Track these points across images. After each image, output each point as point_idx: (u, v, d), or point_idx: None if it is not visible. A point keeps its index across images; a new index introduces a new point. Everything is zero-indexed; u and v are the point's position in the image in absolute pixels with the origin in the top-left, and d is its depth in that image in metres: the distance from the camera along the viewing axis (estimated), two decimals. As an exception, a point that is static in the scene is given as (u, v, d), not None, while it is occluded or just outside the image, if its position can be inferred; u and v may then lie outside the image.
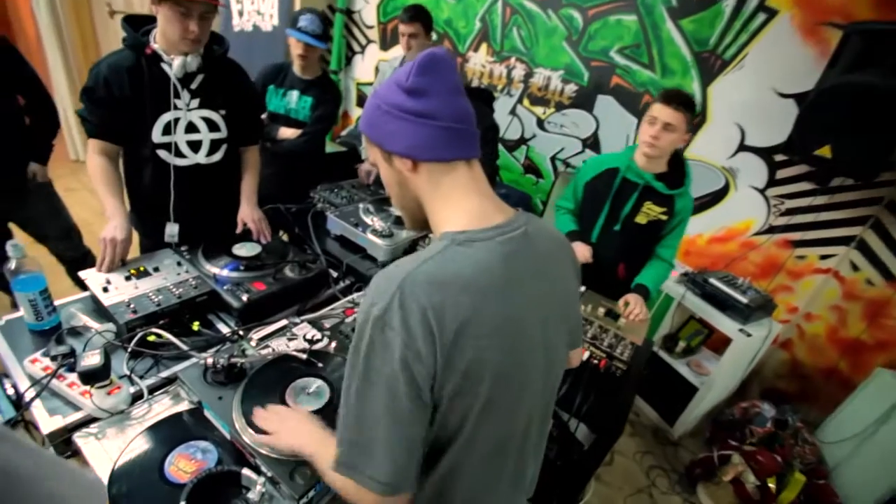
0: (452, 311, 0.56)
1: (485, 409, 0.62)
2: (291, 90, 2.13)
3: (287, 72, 2.15)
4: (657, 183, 1.66)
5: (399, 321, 0.55)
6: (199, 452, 0.88)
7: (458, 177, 0.66)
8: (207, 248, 1.40)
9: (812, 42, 2.10)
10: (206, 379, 0.97)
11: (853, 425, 1.97)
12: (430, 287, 0.57)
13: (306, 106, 2.13)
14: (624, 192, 1.72)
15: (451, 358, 0.57)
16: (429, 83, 0.62)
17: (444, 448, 0.64)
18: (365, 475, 0.57)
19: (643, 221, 1.71)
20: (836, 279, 2.36)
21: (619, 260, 1.80)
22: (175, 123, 1.41)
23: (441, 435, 0.63)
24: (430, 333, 0.55)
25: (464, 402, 0.60)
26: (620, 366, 1.28)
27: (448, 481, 0.67)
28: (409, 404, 0.57)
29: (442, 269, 0.59)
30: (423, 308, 0.55)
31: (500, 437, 0.68)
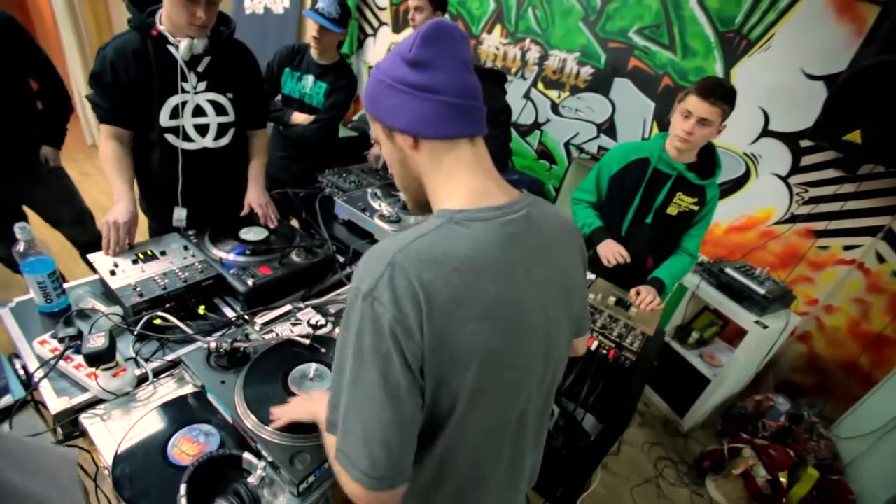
0: (443, 290, 0.54)
1: (476, 393, 0.60)
2: (307, 74, 2.09)
3: (304, 55, 2.11)
4: (689, 174, 1.60)
5: (389, 297, 0.53)
6: (201, 435, 0.88)
7: (460, 155, 0.63)
8: (214, 233, 1.40)
9: (846, 20, 1.98)
10: (209, 363, 0.98)
11: (872, 421, 1.91)
12: (421, 264, 0.55)
13: (320, 92, 2.09)
14: (656, 183, 1.66)
15: (440, 339, 0.55)
16: (433, 55, 0.59)
17: (437, 433, 0.62)
18: (360, 471, 0.55)
19: (674, 213, 1.67)
20: (860, 271, 2.27)
21: (648, 252, 1.75)
22: (182, 107, 1.40)
23: (433, 419, 0.61)
24: (419, 311, 0.53)
25: (453, 385, 0.58)
26: (630, 356, 1.25)
27: (441, 470, 0.66)
28: (404, 382, 0.55)
29: (435, 247, 0.57)
30: (413, 285, 0.53)
31: (494, 423, 0.66)
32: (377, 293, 0.54)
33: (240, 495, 0.74)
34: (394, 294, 0.53)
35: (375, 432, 0.55)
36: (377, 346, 0.54)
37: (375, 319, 0.54)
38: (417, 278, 0.54)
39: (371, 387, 0.55)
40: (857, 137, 1.83)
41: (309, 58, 2.09)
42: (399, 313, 0.53)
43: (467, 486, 0.69)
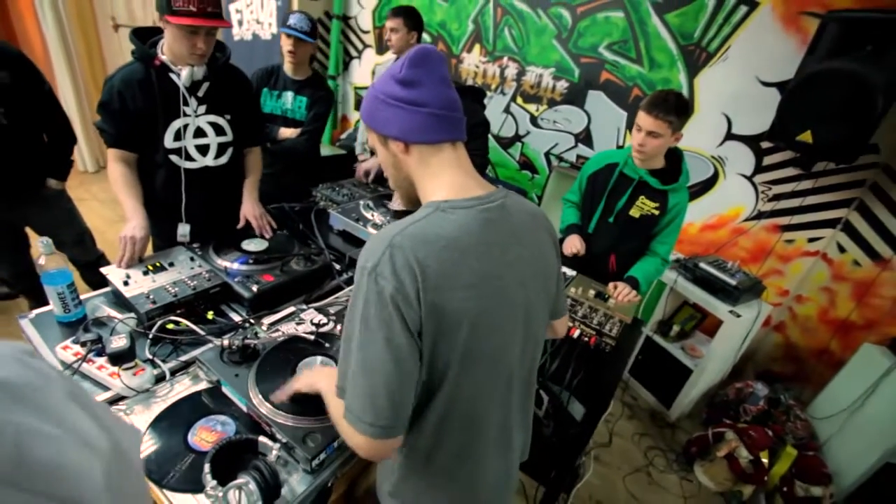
0: (435, 264, 0.65)
1: (466, 356, 0.70)
2: (286, 91, 2.24)
3: (278, 74, 2.26)
4: (651, 178, 1.72)
5: (390, 271, 0.64)
6: (218, 425, 0.96)
7: (444, 157, 0.75)
8: (218, 245, 1.49)
9: (792, 31, 2.17)
10: (222, 359, 1.06)
11: (842, 400, 2.04)
12: (415, 244, 0.66)
13: (302, 105, 2.23)
14: (620, 186, 1.79)
15: (434, 305, 0.65)
16: (420, 75, 0.71)
17: (434, 393, 0.72)
18: (365, 423, 0.66)
19: (636, 215, 1.78)
20: (824, 261, 2.43)
21: (611, 251, 1.87)
22: (185, 129, 1.50)
23: (430, 380, 0.71)
24: (415, 282, 0.64)
25: (446, 347, 0.68)
26: (609, 342, 1.36)
27: (439, 431, 0.75)
28: (405, 343, 0.65)
29: (426, 230, 0.68)
30: (410, 261, 0.64)
31: (483, 384, 0.76)
32: (380, 269, 0.64)
33: (260, 470, 0.82)
34: (394, 269, 0.64)
35: (380, 387, 0.65)
36: (381, 314, 0.64)
37: (379, 291, 0.64)
38: (413, 255, 0.65)
39: (377, 349, 0.65)
40: (808, 137, 1.99)
41: (284, 75, 2.25)
42: (399, 284, 0.64)
43: (463, 447, 0.78)
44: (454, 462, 0.79)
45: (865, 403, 1.97)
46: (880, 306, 2.28)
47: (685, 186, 1.76)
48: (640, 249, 1.86)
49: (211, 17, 1.31)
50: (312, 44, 2.16)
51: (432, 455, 0.78)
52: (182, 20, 1.28)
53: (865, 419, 1.97)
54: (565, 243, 1.86)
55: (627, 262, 1.84)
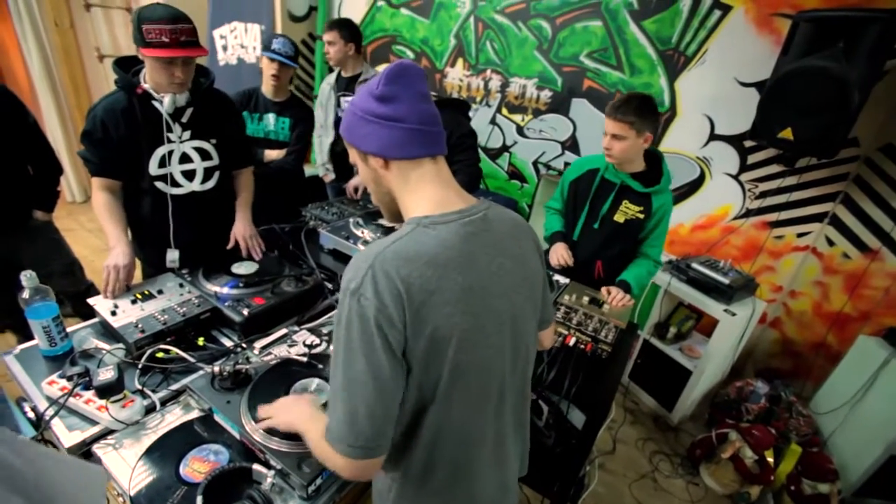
0: (419, 282, 0.65)
1: (455, 370, 0.69)
2: (267, 113, 2.25)
3: (257, 96, 2.27)
4: (633, 182, 1.73)
5: (372, 291, 0.64)
6: (211, 454, 0.94)
7: (424, 172, 0.74)
8: (207, 269, 1.48)
9: (766, 32, 2.23)
10: (213, 386, 1.04)
11: (843, 393, 2.03)
12: (398, 262, 0.65)
13: (286, 126, 2.26)
14: (603, 192, 1.79)
15: (419, 323, 0.65)
16: (396, 91, 0.71)
17: (425, 410, 0.71)
18: (345, 444, 0.65)
19: (621, 220, 1.78)
20: (814, 255, 2.45)
21: (596, 258, 1.86)
22: (170, 156, 1.50)
23: (420, 399, 0.71)
24: (399, 301, 0.64)
25: (434, 364, 0.68)
26: (606, 348, 1.35)
27: (431, 452, 0.74)
28: (387, 364, 0.64)
29: (408, 248, 0.68)
30: (393, 280, 0.64)
31: (475, 400, 0.75)
32: (362, 290, 0.64)
33: (253, 499, 0.80)
34: (376, 289, 0.64)
35: (361, 408, 0.64)
36: (363, 335, 0.64)
37: (361, 312, 0.64)
38: (396, 274, 0.64)
39: (358, 369, 0.64)
40: (789, 134, 2.03)
41: (263, 98, 2.26)
42: (382, 305, 0.63)
43: (458, 464, 0.77)
44: (449, 479, 0.77)
45: (866, 395, 1.97)
46: (872, 297, 2.30)
47: (668, 188, 1.76)
48: (627, 254, 1.85)
49: (185, 47, 1.32)
50: (294, 67, 2.19)
51: (427, 474, 0.76)
52: (156, 52, 1.28)
53: (867, 412, 1.97)
54: (551, 253, 1.86)
55: (614, 268, 1.83)
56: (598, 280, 1.81)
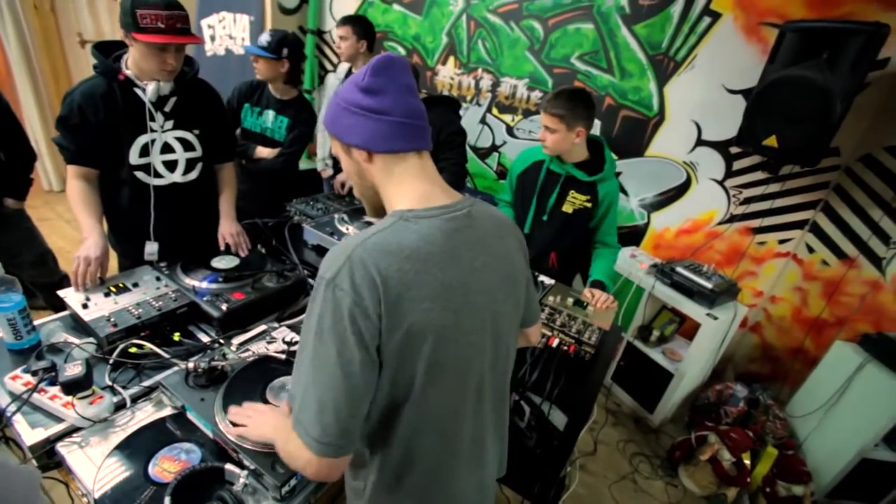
0: (397, 275, 0.63)
1: (432, 367, 0.68)
2: (268, 110, 2.19)
3: (263, 91, 2.21)
4: (577, 171, 1.74)
5: (348, 283, 0.62)
6: (182, 453, 0.91)
7: (409, 166, 0.73)
8: (186, 263, 1.44)
9: (753, 41, 2.25)
10: (188, 383, 1.01)
11: (818, 397, 2.07)
12: (377, 254, 0.64)
13: (282, 126, 2.18)
14: (549, 183, 1.80)
15: (395, 317, 0.63)
16: (382, 83, 0.69)
17: (400, 407, 0.70)
18: (311, 437, 0.63)
19: (569, 210, 1.79)
20: (795, 261, 2.49)
21: (550, 249, 1.87)
22: (151, 145, 1.46)
23: (395, 394, 0.69)
24: (375, 294, 0.62)
25: (410, 360, 0.66)
26: (588, 350, 1.35)
27: (409, 449, 0.73)
28: (359, 356, 0.62)
29: (388, 240, 0.66)
30: (370, 272, 0.62)
31: (452, 398, 0.74)
32: (338, 280, 0.62)
33: (224, 500, 0.78)
34: (353, 281, 0.62)
35: (328, 402, 0.63)
36: (335, 327, 0.62)
37: (336, 303, 0.62)
38: (375, 267, 0.63)
39: (328, 363, 0.62)
40: (774, 142, 2.06)
41: (268, 93, 2.20)
42: (358, 297, 0.62)
43: (435, 466, 0.75)
44: (426, 478, 0.76)
45: (840, 400, 2.01)
46: (849, 304, 2.35)
47: (612, 175, 1.78)
48: (579, 243, 1.86)
49: (180, 34, 1.28)
50: (276, 60, 2.06)
51: (403, 473, 0.75)
52: (151, 38, 1.24)
53: (841, 416, 2.01)
54: None
55: (568, 259, 1.85)
56: (554, 271, 1.83)
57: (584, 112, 1.61)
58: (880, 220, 2.21)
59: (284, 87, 2.17)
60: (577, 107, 1.60)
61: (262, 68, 2.09)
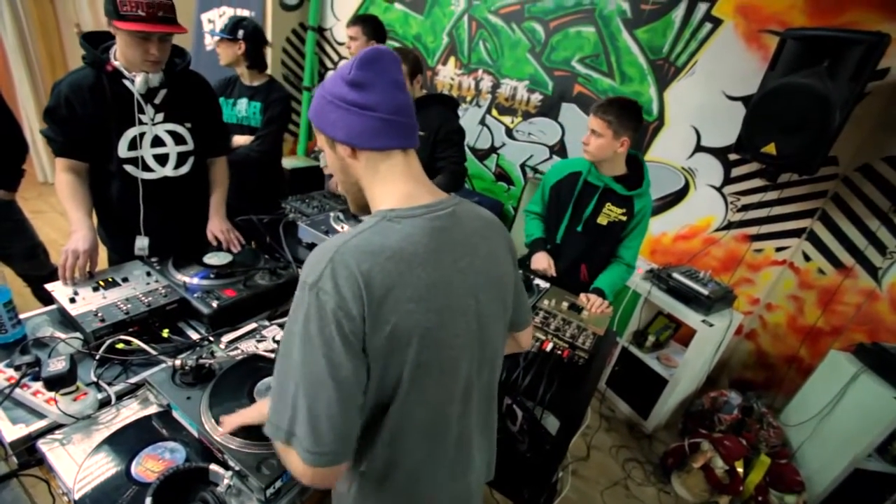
0: (379, 276, 0.62)
1: (417, 369, 0.66)
2: (240, 98, 2.20)
3: (235, 83, 2.23)
4: (616, 185, 1.73)
5: (331, 285, 0.60)
6: (166, 452, 0.89)
7: (394, 164, 0.72)
8: (178, 259, 1.42)
9: (754, 48, 2.25)
10: (174, 381, 0.99)
11: (812, 407, 2.07)
12: (359, 256, 0.62)
13: (257, 111, 2.19)
14: (585, 195, 1.79)
15: (379, 319, 0.62)
16: (370, 77, 0.67)
17: (385, 409, 0.68)
18: (304, 448, 0.61)
19: (604, 223, 1.78)
20: (791, 270, 2.49)
21: (581, 261, 1.86)
22: (141, 138, 1.43)
23: (380, 396, 0.67)
24: (359, 296, 0.61)
25: (395, 362, 0.65)
26: (582, 355, 1.34)
27: (392, 451, 0.71)
28: (347, 362, 0.61)
29: (371, 241, 0.65)
30: (353, 274, 0.61)
31: (438, 401, 0.72)
32: (321, 283, 0.61)
33: (206, 502, 0.76)
34: (336, 283, 0.60)
35: (321, 410, 0.61)
36: (322, 331, 0.60)
37: (320, 307, 0.60)
38: (357, 268, 0.61)
39: (318, 369, 0.61)
40: (773, 150, 2.05)
41: (240, 84, 2.21)
42: (341, 300, 0.60)
43: (419, 468, 0.74)
44: (410, 480, 0.75)
45: (834, 409, 2.00)
46: (844, 312, 2.34)
47: (648, 192, 1.78)
48: (610, 256, 1.86)
49: (163, 23, 1.26)
50: (232, 41, 2.08)
51: (387, 474, 0.73)
52: (131, 26, 1.22)
53: (835, 425, 2.01)
54: (533, 261, 1.83)
55: (598, 271, 1.83)
56: (584, 283, 1.81)
57: (631, 123, 1.62)
58: (877, 230, 2.21)
59: (251, 72, 2.18)
60: (627, 116, 1.60)
61: (222, 52, 2.13)
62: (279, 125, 2.23)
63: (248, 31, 2.09)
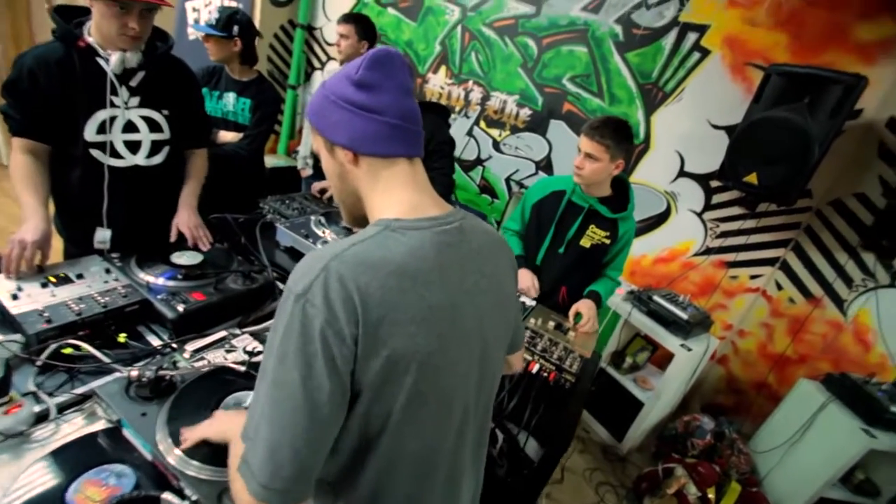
0: (379, 293, 0.55)
1: (412, 400, 0.60)
2: (227, 92, 2.09)
3: (221, 75, 2.11)
4: (601, 206, 1.70)
5: (322, 299, 0.53)
6: (112, 477, 0.78)
7: (398, 172, 0.66)
8: (142, 256, 1.31)
9: (739, 80, 2.32)
10: (128, 394, 0.89)
11: (781, 434, 2.10)
12: (357, 268, 0.56)
13: (246, 108, 2.09)
14: (569, 215, 1.74)
15: (375, 343, 0.55)
16: (378, 78, 0.62)
17: (372, 444, 0.61)
18: (257, 482, 0.53)
19: (587, 245, 1.74)
20: (764, 297, 2.55)
21: (561, 283, 1.82)
22: (111, 122, 1.32)
23: (366, 430, 0.60)
24: (353, 314, 0.54)
25: (388, 392, 0.58)
26: (569, 378, 1.30)
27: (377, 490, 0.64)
28: (327, 385, 0.53)
29: (372, 252, 0.58)
30: (349, 288, 0.54)
31: (432, 436, 0.66)
32: (310, 295, 0.54)
33: (157, 539, 0.66)
34: (327, 297, 0.54)
35: (284, 440, 0.53)
36: (303, 349, 0.53)
37: (305, 322, 0.53)
38: (353, 282, 0.54)
39: (290, 392, 0.53)
40: (754, 179, 2.10)
41: (227, 76, 2.10)
42: (331, 316, 0.53)
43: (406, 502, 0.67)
44: None
45: (803, 437, 2.03)
46: (812, 342, 2.41)
47: (632, 215, 1.76)
48: (590, 280, 1.82)
49: None
50: (227, 39, 1.97)
51: None
52: None
53: (802, 453, 2.04)
54: None
55: (578, 294, 1.80)
56: (563, 306, 1.77)
57: (627, 145, 1.59)
58: (845, 263, 2.28)
59: (241, 67, 2.08)
60: (624, 139, 1.56)
61: (214, 49, 2.00)
62: (270, 125, 2.14)
63: (242, 27, 1.99)
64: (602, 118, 1.60)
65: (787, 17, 2.16)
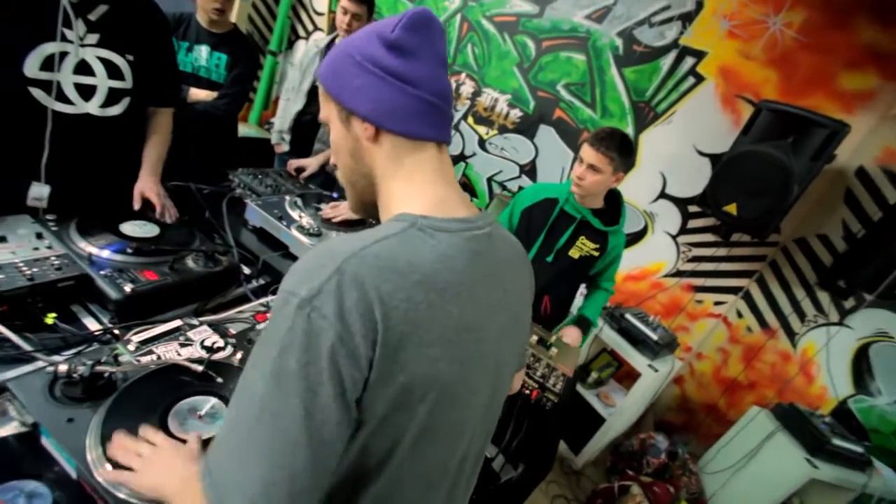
0: (403, 307, 0.45)
1: (422, 435, 0.51)
2: (199, 45, 1.86)
3: (189, 23, 1.87)
4: (594, 218, 1.67)
5: (334, 309, 0.43)
6: (20, 498, 0.64)
7: (425, 159, 0.56)
8: (85, 222, 1.12)
9: (728, 111, 2.36)
10: (52, 393, 0.73)
11: (730, 457, 2.17)
12: (380, 272, 0.45)
13: (221, 64, 1.88)
14: (560, 224, 1.71)
15: (392, 367, 0.45)
16: (416, 43, 0.52)
17: (369, 479, 0.51)
18: None
19: (576, 256, 1.71)
20: (724, 324, 2.63)
21: (545, 293, 1.77)
22: (61, 58, 1.12)
23: (363, 464, 0.50)
24: (372, 331, 0.44)
25: (397, 422, 0.49)
26: (552, 398, 1.24)
27: None
28: (334, 413, 0.43)
29: (397, 254, 0.48)
30: (369, 298, 0.44)
31: (432, 473, 0.57)
32: (319, 302, 0.43)
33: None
34: (341, 306, 0.43)
35: (281, 475, 0.42)
36: (306, 369, 0.42)
37: (312, 335, 0.42)
38: (375, 290, 0.44)
39: (288, 422, 0.42)
40: (734, 209, 2.14)
41: (197, 26, 1.86)
42: (346, 331, 0.43)
43: None
44: None
45: (749, 463, 2.11)
46: (762, 370, 2.52)
47: (622, 229, 1.75)
48: (573, 291, 1.80)
49: None
50: None
51: None
52: None
53: (747, 478, 2.11)
54: None
55: (561, 306, 1.77)
56: (545, 317, 1.72)
57: (629, 159, 1.57)
58: (802, 299, 2.39)
59: (222, 19, 1.86)
60: (628, 153, 1.54)
61: (228, 7, 1.80)
62: (248, 84, 1.95)
63: None
64: (607, 130, 1.55)
65: (780, 55, 2.21)
